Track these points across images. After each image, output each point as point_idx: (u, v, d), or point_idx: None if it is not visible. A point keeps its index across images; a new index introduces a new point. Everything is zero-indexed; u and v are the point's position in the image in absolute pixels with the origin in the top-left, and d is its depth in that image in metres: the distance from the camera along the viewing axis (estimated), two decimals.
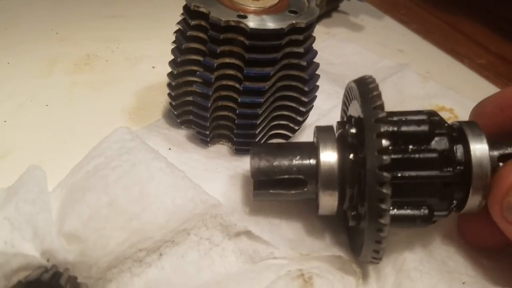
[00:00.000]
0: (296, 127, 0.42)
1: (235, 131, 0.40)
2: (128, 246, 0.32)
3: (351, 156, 0.31)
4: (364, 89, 0.31)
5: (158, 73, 0.51)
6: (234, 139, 0.40)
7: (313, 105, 0.42)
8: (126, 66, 0.52)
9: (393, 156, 0.29)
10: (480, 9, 0.91)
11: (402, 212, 0.30)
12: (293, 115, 0.41)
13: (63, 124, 0.43)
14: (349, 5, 0.77)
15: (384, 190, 0.27)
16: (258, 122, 0.39)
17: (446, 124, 0.31)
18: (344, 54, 0.62)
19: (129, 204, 0.33)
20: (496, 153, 0.31)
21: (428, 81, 0.57)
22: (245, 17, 0.35)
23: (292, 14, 0.37)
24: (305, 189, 0.33)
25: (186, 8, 0.37)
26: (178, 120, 0.43)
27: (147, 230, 0.33)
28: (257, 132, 0.40)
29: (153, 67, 0.52)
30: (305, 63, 0.38)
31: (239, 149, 0.41)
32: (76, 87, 0.47)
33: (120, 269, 0.32)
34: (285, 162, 0.33)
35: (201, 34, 0.37)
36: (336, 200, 0.32)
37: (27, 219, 0.31)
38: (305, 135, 0.44)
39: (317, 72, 0.40)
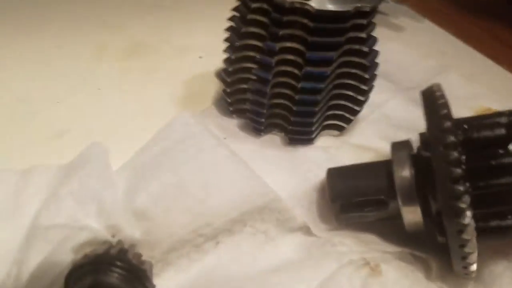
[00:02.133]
0: (352, 117, 0.41)
1: (292, 118, 0.39)
2: (191, 230, 0.32)
3: (427, 170, 0.29)
4: (429, 99, 0.30)
5: (205, 63, 0.51)
6: (290, 127, 0.40)
7: (370, 95, 0.41)
8: (173, 55, 0.52)
9: (467, 166, 0.27)
10: None
11: (490, 224, 0.28)
12: (350, 104, 0.40)
13: (116, 108, 0.43)
14: (388, 7, 0.76)
15: (461, 204, 0.26)
16: (317, 109, 0.38)
17: None
18: (386, 52, 0.61)
19: (194, 188, 0.33)
20: None
21: (473, 83, 0.56)
22: None
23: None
24: (387, 209, 0.32)
25: None
26: (231, 108, 0.42)
27: (208, 216, 0.32)
28: (314, 120, 0.39)
29: (200, 57, 0.52)
30: (367, 49, 0.37)
31: (294, 138, 0.41)
32: (126, 73, 0.48)
33: (180, 253, 0.32)
34: (363, 184, 0.33)
35: (262, 18, 0.36)
36: (420, 216, 0.30)
37: (91, 195, 0.31)
38: (359, 129, 0.43)
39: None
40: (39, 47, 0.50)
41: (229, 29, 0.40)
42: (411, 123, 0.44)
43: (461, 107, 0.50)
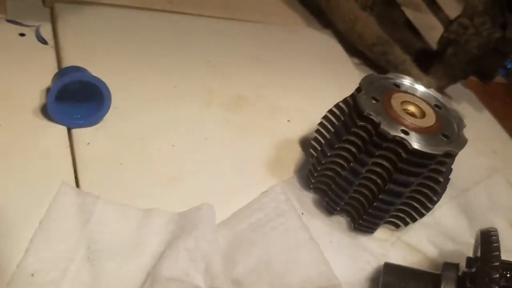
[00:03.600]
0: (411, 222, 0.48)
1: (364, 216, 0.46)
2: None
3: None
4: (486, 242, 0.37)
5: (292, 128, 0.58)
6: (359, 221, 0.47)
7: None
8: (266, 114, 0.58)
9: None
10: None
11: None
12: (414, 213, 0.47)
13: (216, 161, 0.50)
14: (453, 89, 0.82)
15: None
16: (387, 216, 0.45)
17: None
18: None
19: (278, 264, 0.40)
20: None
21: None
22: (407, 133, 0.42)
23: (445, 139, 0.43)
24: None
25: (355, 108, 0.44)
26: (311, 186, 0.50)
27: None
28: (382, 222, 0.46)
29: (288, 121, 0.59)
30: (442, 179, 0.44)
31: (360, 228, 0.48)
32: (229, 124, 0.55)
33: None
34: None
35: (364, 135, 0.43)
36: None
37: (203, 255, 0.38)
38: (412, 229, 0.50)
39: None
40: (158, 84, 0.56)
41: (323, 126, 0.47)
42: (457, 234, 0.52)
43: (500, 216, 0.57)
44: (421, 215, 0.47)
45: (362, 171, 0.44)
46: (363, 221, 0.47)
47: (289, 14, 0.80)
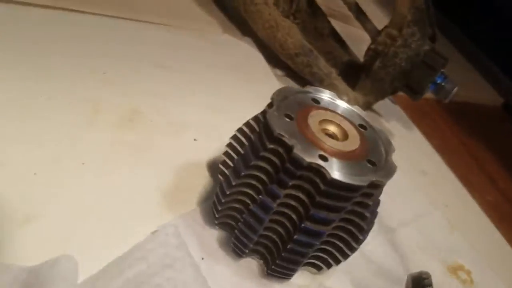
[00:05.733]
0: (335, 264, 0.41)
1: (277, 261, 0.38)
2: None
3: None
4: None
5: (199, 148, 0.49)
6: (272, 266, 0.38)
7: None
8: (167, 132, 0.49)
9: None
10: (497, 140, 0.94)
11: None
12: (337, 254, 0.40)
13: (96, 192, 0.40)
14: (381, 105, 0.77)
15: None
16: (305, 260, 0.37)
17: None
18: None
19: None
20: None
21: (454, 232, 0.57)
22: (325, 159, 0.34)
23: (371, 166, 0.36)
24: None
25: (265, 127, 0.35)
26: (216, 222, 0.41)
27: None
28: (298, 268, 0.38)
29: (194, 139, 0.50)
30: (369, 214, 0.37)
31: (274, 274, 0.39)
32: (115, 146, 0.44)
33: None
34: None
35: (276, 160, 0.35)
36: None
37: None
38: (336, 271, 0.43)
39: None
40: (26, 94, 0.45)
41: (231, 146, 0.39)
42: (388, 271, 0.45)
43: (435, 259, 0.51)
44: (346, 256, 0.39)
45: (273, 205, 0.35)
46: (276, 266, 0.38)
47: (202, 18, 0.71)
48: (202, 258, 0.38)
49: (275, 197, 0.35)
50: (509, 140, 1.02)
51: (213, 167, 0.47)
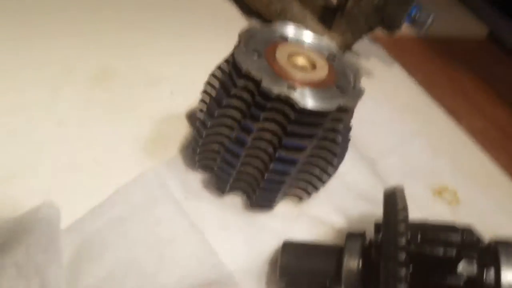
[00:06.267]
0: (314, 192, 0.42)
1: (257, 191, 0.39)
2: None
3: (375, 268, 0.31)
4: (390, 203, 0.32)
5: (176, 101, 0.49)
6: (253, 197, 0.40)
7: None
8: (143, 87, 0.50)
9: (413, 280, 0.29)
10: (483, 70, 0.94)
11: None
12: (315, 181, 0.41)
13: (75, 148, 0.41)
14: (361, 46, 0.77)
15: None
16: (283, 188, 0.39)
17: (480, 245, 0.32)
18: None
19: (147, 264, 0.32)
20: None
21: (436, 156, 0.58)
22: (294, 88, 0.35)
23: (339, 92, 0.37)
24: None
25: (234, 65, 0.36)
26: (197, 165, 0.42)
27: None
28: (278, 195, 0.39)
29: (171, 93, 0.50)
30: (340, 138, 0.38)
31: (255, 205, 0.41)
32: (90, 105, 0.45)
33: None
34: (312, 266, 0.34)
35: (246, 96, 0.36)
36: None
37: (36, 269, 0.30)
38: (318, 199, 0.44)
39: None
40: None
41: (206, 92, 0.39)
42: (369, 197, 0.46)
43: (419, 183, 0.52)
44: (323, 182, 0.41)
45: (248, 139, 0.37)
46: (257, 197, 0.40)
47: None
48: (185, 198, 0.40)
49: (248, 132, 0.36)
50: (496, 68, 1.01)
51: (192, 117, 0.48)
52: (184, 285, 0.33)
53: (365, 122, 0.59)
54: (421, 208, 0.48)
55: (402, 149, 0.58)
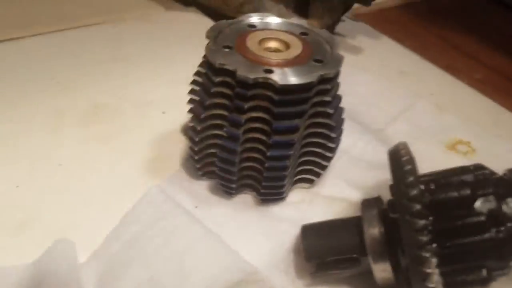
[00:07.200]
0: (321, 171, 0.41)
1: (263, 183, 0.39)
2: None
3: (396, 227, 0.30)
4: (396, 159, 0.31)
5: (169, 119, 0.50)
6: (261, 190, 0.39)
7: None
8: (135, 113, 0.50)
9: (434, 228, 0.28)
10: (472, 22, 0.92)
11: (457, 278, 0.29)
12: (319, 160, 0.40)
13: (80, 185, 0.41)
14: (345, 26, 0.77)
15: (427, 269, 0.27)
16: (287, 173, 0.38)
17: (494, 177, 0.31)
18: (348, 86, 0.62)
19: (168, 277, 0.32)
20: None
21: (443, 113, 0.56)
22: (271, 71, 0.35)
23: (318, 64, 0.36)
24: (360, 265, 0.33)
25: (208, 64, 0.36)
26: (200, 172, 0.42)
27: None
28: (284, 182, 0.39)
29: (163, 113, 0.51)
30: (332, 110, 0.37)
31: (265, 199, 0.40)
32: (88, 141, 0.46)
33: None
34: (335, 243, 0.34)
35: (226, 90, 0.36)
36: (391, 273, 0.31)
37: None
38: (329, 178, 0.43)
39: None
40: None
41: (191, 101, 0.39)
42: (381, 164, 0.45)
43: (431, 142, 0.51)
44: (327, 158, 0.40)
45: (239, 133, 0.36)
46: (264, 189, 0.39)
47: (141, 4, 0.71)
48: (196, 207, 0.39)
49: (238, 125, 0.36)
50: (481, 17, 0.99)
51: (187, 130, 0.48)
52: None
53: (365, 96, 0.58)
54: (439, 165, 0.47)
55: (406, 114, 0.56)
